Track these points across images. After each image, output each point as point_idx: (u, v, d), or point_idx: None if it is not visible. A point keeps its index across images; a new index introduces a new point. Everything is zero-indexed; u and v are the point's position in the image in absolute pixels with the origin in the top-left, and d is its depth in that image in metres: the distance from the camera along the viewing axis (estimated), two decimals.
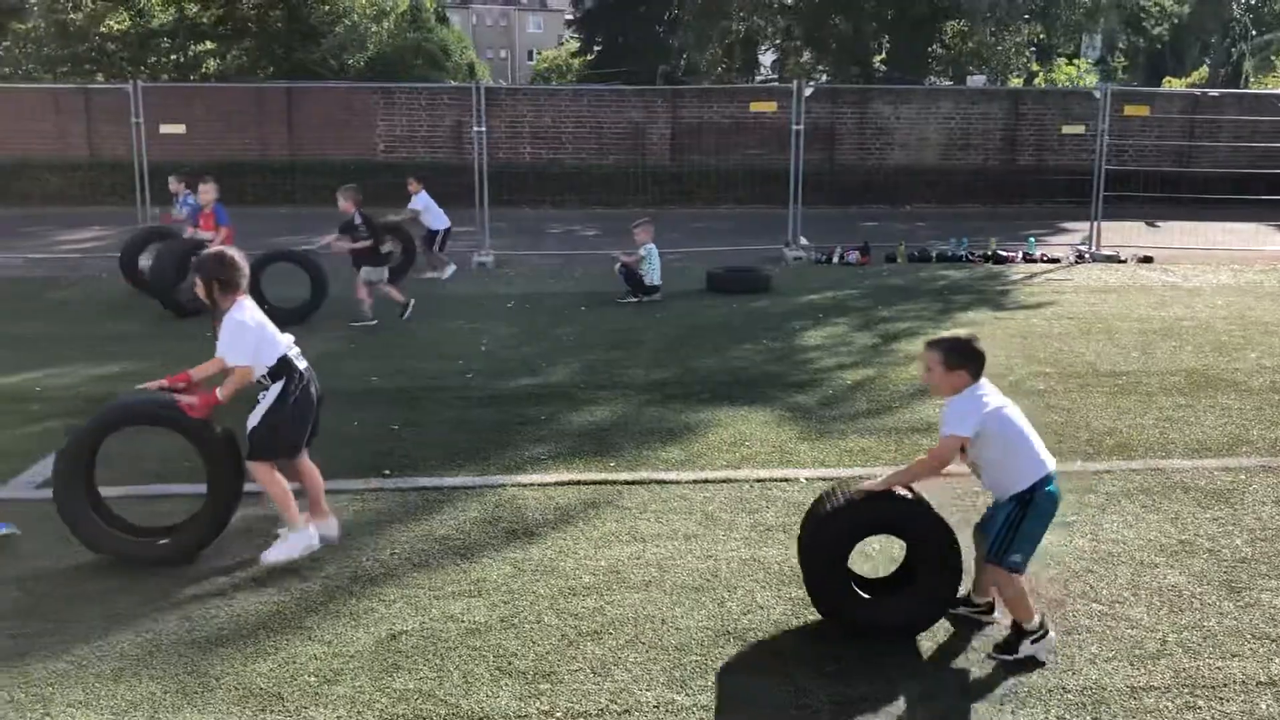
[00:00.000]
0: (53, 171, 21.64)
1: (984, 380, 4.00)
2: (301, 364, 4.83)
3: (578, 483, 5.78)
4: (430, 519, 5.28)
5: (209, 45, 27.67)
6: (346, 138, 22.80)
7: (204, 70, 26.93)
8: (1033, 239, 15.49)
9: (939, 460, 3.96)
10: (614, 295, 11.47)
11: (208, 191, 10.83)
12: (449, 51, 32.48)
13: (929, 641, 4.10)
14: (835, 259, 14.54)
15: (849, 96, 23.54)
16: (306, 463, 4.96)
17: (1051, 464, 3.96)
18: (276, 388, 4.71)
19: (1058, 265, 14.34)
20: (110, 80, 24.05)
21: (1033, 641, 3.93)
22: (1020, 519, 3.89)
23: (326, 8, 26.74)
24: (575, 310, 10.95)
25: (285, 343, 4.80)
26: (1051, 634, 4.00)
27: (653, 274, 11.41)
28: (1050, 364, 8.52)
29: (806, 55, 30.64)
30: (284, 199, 21.76)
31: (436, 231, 13.15)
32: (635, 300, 11.31)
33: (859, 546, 4.17)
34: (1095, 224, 15.31)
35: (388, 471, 5.96)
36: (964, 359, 3.96)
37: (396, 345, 9.24)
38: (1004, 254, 14.68)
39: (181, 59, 26.91)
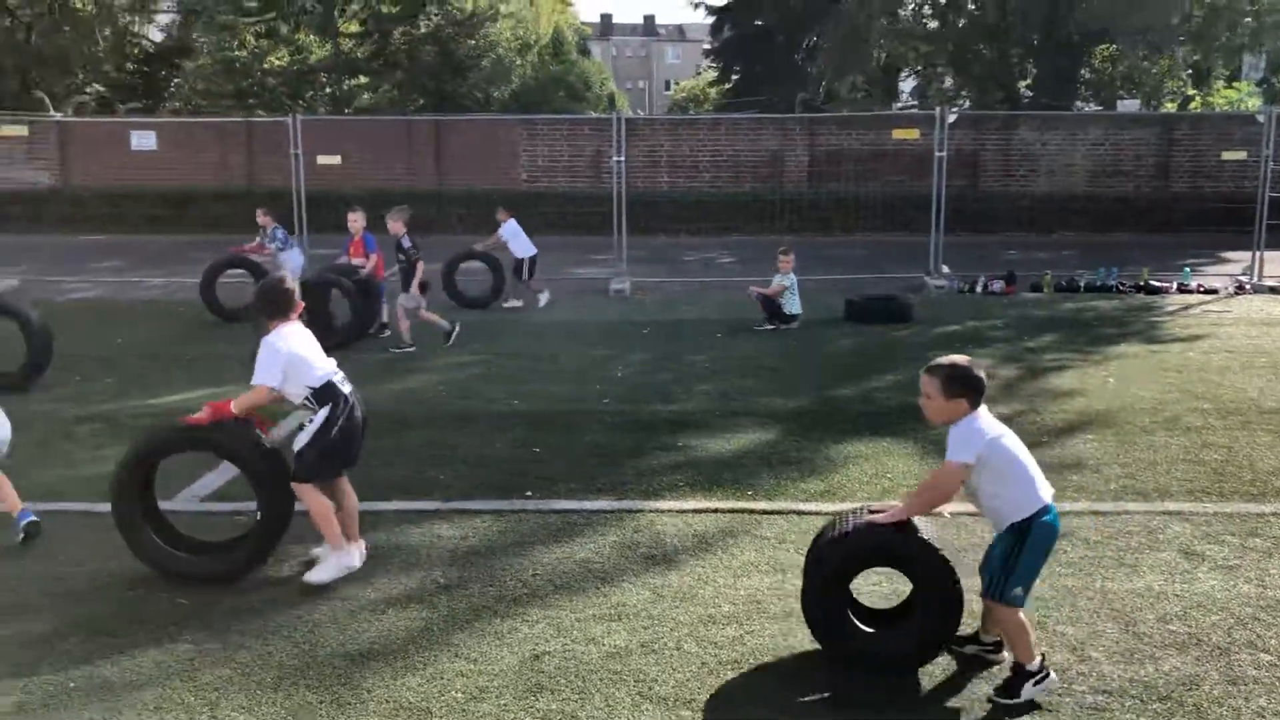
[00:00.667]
0: (216, 200, 22.81)
1: (983, 409, 3.92)
2: (346, 388, 4.92)
3: (716, 511, 5.79)
4: (571, 542, 5.36)
5: (362, 79, 28.83)
6: (491, 168, 23.42)
7: (357, 103, 28.04)
8: (1188, 269, 14.86)
9: (944, 487, 3.90)
10: (751, 322, 11.46)
11: (356, 220, 11.27)
12: (589, 83, 33.11)
13: (929, 679, 4.00)
14: (978, 288, 14.22)
15: (993, 122, 23.06)
16: (345, 485, 5.06)
17: (1049, 495, 3.88)
18: (323, 413, 4.80)
19: (1215, 296, 13.71)
20: (270, 114, 25.27)
21: (1034, 684, 3.80)
22: (1018, 551, 3.80)
23: (474, 42, 27.58)
24: (711, 337, 10.98)
25: (329, 369, 4.89)
26: (1053, 675, 3.86)
27: (792, 303, 11.37)
28: (1208, 399, 8.14)
29: (949, 81, 30.15)
30: (431, 227, 22.45)
31: (523, 260, 13.30)
32: (772, 328, 11.28)
33: (860, 577, 4.16)
34: (1258, 254, 14.60)
35: (529, 493, 6.08)
36: (964, 386, 3.89)
37: (535, 370, 9.42)
38: (1157, 284, 14.12)
39: (336, 93, 28.10)
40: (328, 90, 28.20)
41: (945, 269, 14.92)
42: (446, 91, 26.71)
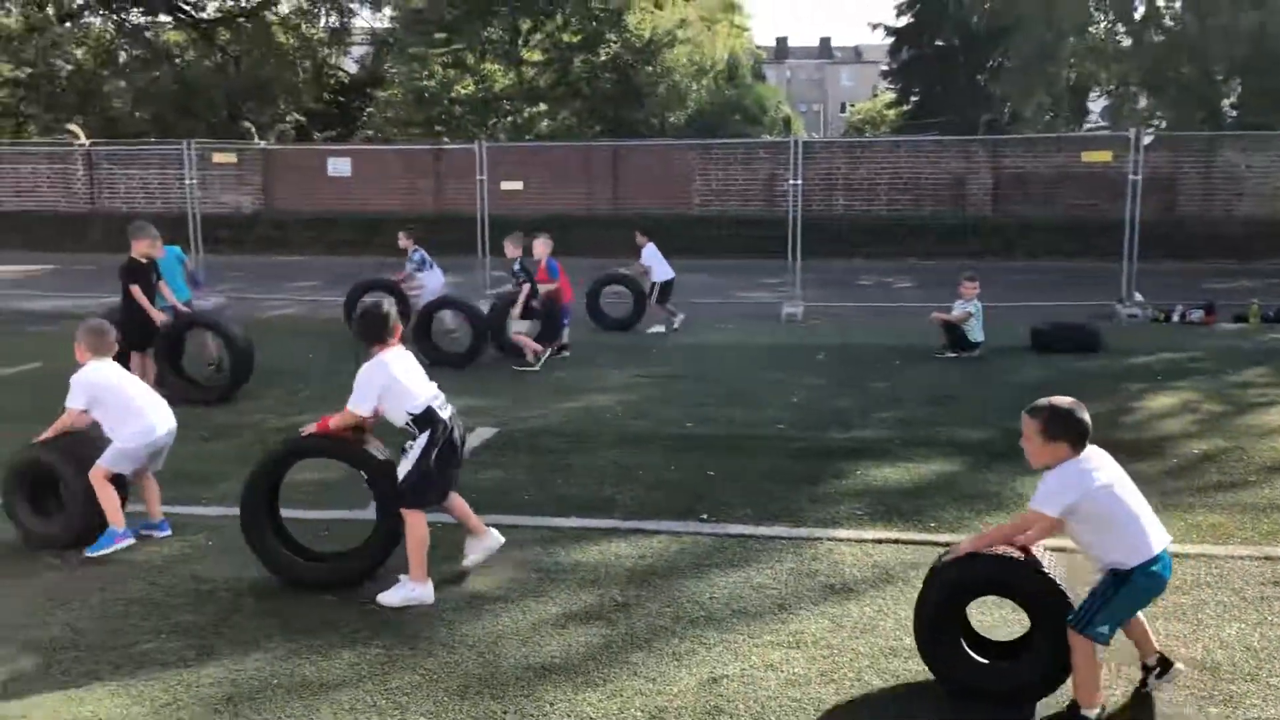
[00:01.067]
0: (404, 224, 23.79)
1: (1091, 451, 3.78)
2: (445, 413, 4.95)
3: (897, 542, 5.65)
4: (747, 567, 5.33)
5: (543, 107, 29.63)
6: (666, 192, 23.69)
7: (538, 130, 28.84)
8: None
9: (1019, 531, 3.83)
10: (931, 349, 11.19)
11: (541, 246, 11.55)
12: (764, 106, 33.11)
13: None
14: (1175, 318, 13.50)
15: (1193, 144, 21.90)
16: (453, 498, 5.17)
17: (1161, 544, 3.74)
18: (423, 438, 4.85)
19: None
20: (456, 141, 26.25)
21: None
22: (1113, 594, 3.69)
23: (651, 68, 27.98)
24: (889, 364, 10.77)
25: (428, 394, 4.94)
26: None
27: (975, 330, 11.05)
28: None
29: (1143, 101, 28.82)
30: (607, 251, 22.84)
31: (656, 283, 13.34)
32: (954, 356, 10.98)
33: (973, 607, 4.09)
34: None
35: (705, 516, 6.07)
36: (1064, 430, 3.75)
37: (710, 393, 9.43)
38: None
39: (519, 120, 28.97)
40: (509, 119, 29.10)
41: (1138, 296, 14.23)
42: (624, 117, 27.18)
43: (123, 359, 9.27)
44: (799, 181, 14.94)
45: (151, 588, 5.05)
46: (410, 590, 4.86)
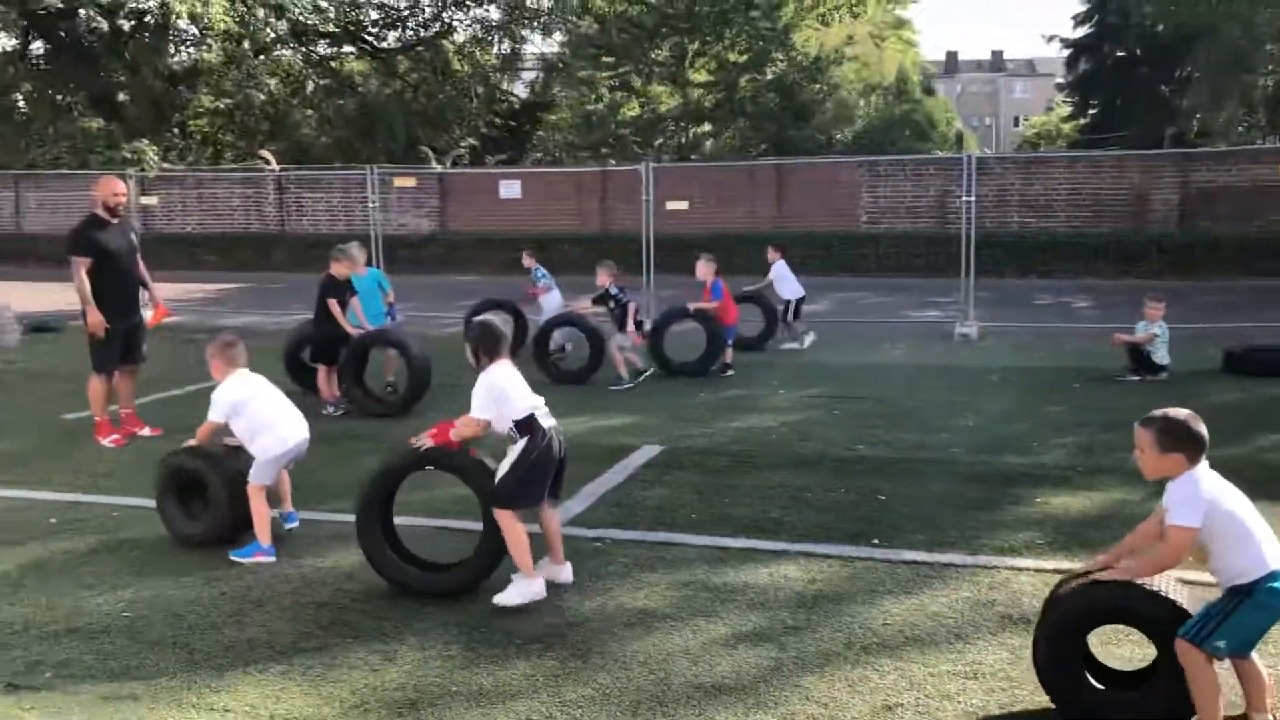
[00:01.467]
0: (572, 244, 24.29)
1: (1203, 465, 3.72)
2: (547, 423, 5.14)
3: None
4: (921, 594, 5.20)
5: (708, 127, 29.80)
6: (832, 210, 23.46)
7: (703, 150, 29.02)
8: None
9: (1174, 553, 3.69)
10: (1112, 372, 10.71)
11: (703, 268, 11.63)
12: (934, 122, 32.43)
13: None
14: None
15: None
16: (547, 511, 5.28)
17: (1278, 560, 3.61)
18: (522, 443, 5.08)
19: None
20: (623, 162, 26.65)
21: None
22: (1233, 610, 3.58)
23: (817, 86, 27.80)
24: (1066, 387, 10.35)
25: (532, 403, 5.15)
26: None
27: (1161, 352, 10.53)
28: None
29: None
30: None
31: (789, 301, 13.15)
32: (1138, 379, 10.48)
33: (1095, 634, 3.99)
34: None
35: (876, 541, 5.97)
36: (1179, 442, 3.72)
37: (878, 415, 9.26)
38: None
39: (683, 140, 29.22)
40: (675, 138, 29.39)
41: None
42: (788, 135, 27.07)
43: (311, 371, 9.85)
44: (972, 198, 14.55)
45: (339, 594, 5.28)
46: (525, 586, 5.04)
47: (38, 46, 30.78)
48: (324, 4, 31.22)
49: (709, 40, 27.25)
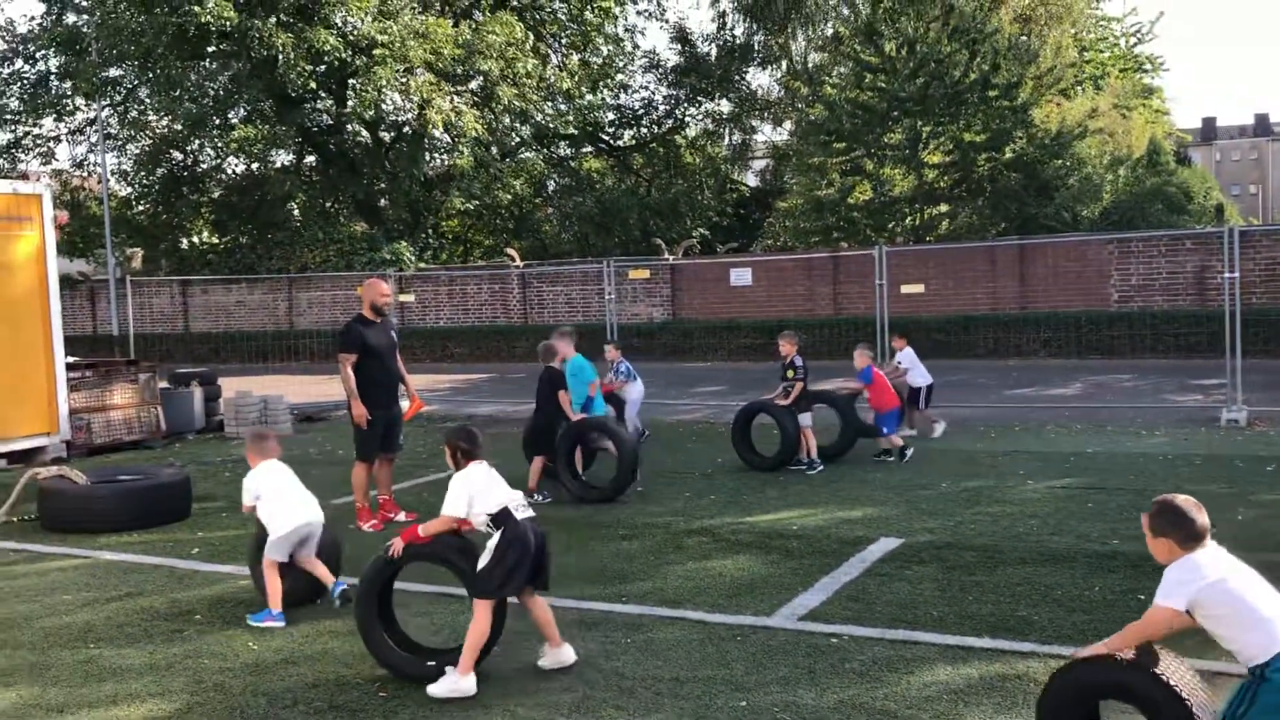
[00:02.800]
0: (803, 330, 24.25)
1: (1209, 547, 3.79)
2: (521, 514, 5.41)
3: None
4: None
5: (943, 208, 29.25)
6: (1079, 289, 22.45)
7: (938, 231, 28.49)
8: None
9: (1145, 629, 3.82)
10: None
11: (861, 357, 11.58)
12: (1190, 194, 30.60)
13: None
14: None
15: None
16: (533, 599, 5.53)
17: None
18: (498, 535, 5.34)
19: None
20: (855, 246, 26.49)
21: None
22: (1255, 692, 3.57)
23: (1060, 162, 26.85)
24: None
25: (507, 498, 5.44)
26: None
27: None
28: None
29: None
30: (1013, 352, 21.96)
31: (919, 389, 12.73)
32: None
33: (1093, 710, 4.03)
34: None
35: None
36: (1167, 525, 3.83)
37: (1136, 506, 8.57)
38: None
39: (917, 222, 28.78)
40: (909, 220, 29.01)
41: None
42: (1029, 214, 26.21)
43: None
44: (1236, 274, 13.59)
45: (578, 681, 5.38)
46: (455, 682, 5.21)
47: (310, 160, 33.85)
48: (564, 108, 32.93)
49: (943, 121, 26.87)
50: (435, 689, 5.24)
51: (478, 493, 5.48)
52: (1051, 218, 25.85)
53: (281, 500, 6.66)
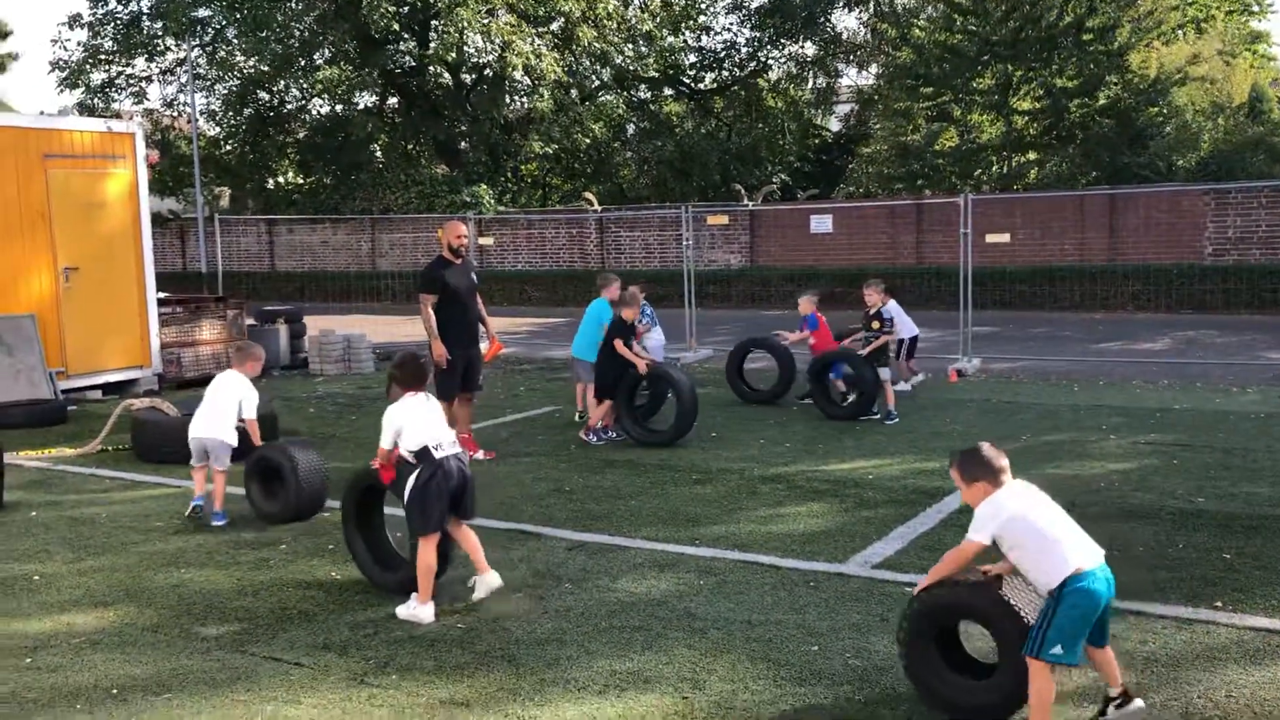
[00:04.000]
0: (882, 279, 23.90)
1: (1013, 484, 4.23)
2: (440, 454, 5.59)
3: None
4: (1274, 665, 4.71)
5: (1032, 156, 28.49)
6: (1171, 241, 21.77)
7: (1026, 180, 27.79)
8: None
9: (956, 559, 4.26)
10: None
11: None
12: None
13: None
14: None
15: None
16: (460, 529, 5.77)
17: (1086, 561, 4.06)
18: (417, 471, 5.56)
19: None
20: (939, 193, 25.96)
21: None
22: (1052, 613, 3.99)
23: (1156, 109, 25.92)
24: None
25: (429, 437, 5.62)
26: None
27: None
28: None
29: None
30: (1100, 305, 21.44)
31: (904, 340, 12.51)
32: None
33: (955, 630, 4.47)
34: None
35: (1219, 604, 5.46)
36: (977, 469, 4.25)
37: (1225, 465, 8.46)
38: None
39: (1005, 170, 28.09)
40: (996, 168, 28.33)
41: None
42: (1122, 163, 25.38)
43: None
44: None
45: (651, 619, 5.45)
46: (414, 609, 5.53)
47: (393, 102, 34.08)
48: (645, 50, 32.61)
49: (1035, 66, 26.06)
50: (400, 610, 5.58)
51: (406, 425, 5.70)
52: (1145, 167, 25.00)
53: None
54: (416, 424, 5.70)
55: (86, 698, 4.69)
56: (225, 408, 7.58)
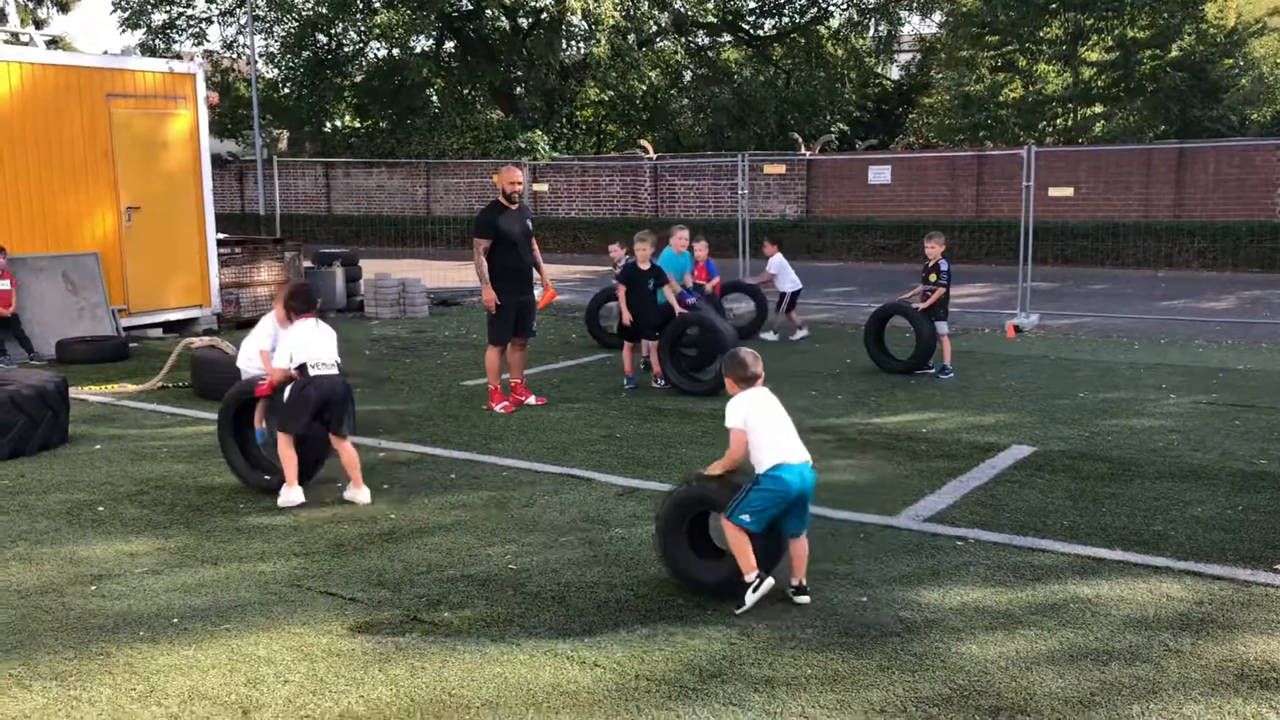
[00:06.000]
0: (941, 232, 23.55)
1: (758, 389, 5.05)
2: (317, 371, 6.50)
3: None
4: None
5: (1099, 109, 27.80)
6: (1240, 198, 21.20)
7: (1092, 133, 27.14)
8: None
9: (734, 450, 5.00)
10: None
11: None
12: None
13: None
14: None
15: None
16: (340, 443, 6.66)
17: (789, 457, 4.90)
18: (292, 384, 6.53)
19: None
20: (1001, 145, 25.45)
21: (752, 590, 4.85)
22: (749, 491, 4.88)
23: (1231, 61, 25.13)
24: None
25: (310, 356, 6.50)
26: (768, 582, 4.86)
27: None
28: None
29: None
30: (1164, 262, 20.98)
31: (784, 293, 13.06)
32: None
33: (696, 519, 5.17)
34: None
35: (1279, 567, 5.37)
36: (735, 371, 5.06)
37: None
38: None
39: (1070, 122, 27.46)
40: (1058, 122, 27.69)
41: None
42: (1192, 116, 24.68)
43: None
44: None
45: None
46: (286, 494, 6.51)
47: (449, 47, 33.98)
48: None
49: (1106, 16, 25.31)
50: (279, 499, 6.49)
51: (296, 347, 6.55)
52: (1217, 121, 24.31)
53: None
54: (301, 345, 6.55)
55: (149, 626, 4.82)
56: (253, 343, 7.81)
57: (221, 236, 14.88)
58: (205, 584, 5.31)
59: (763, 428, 4.96)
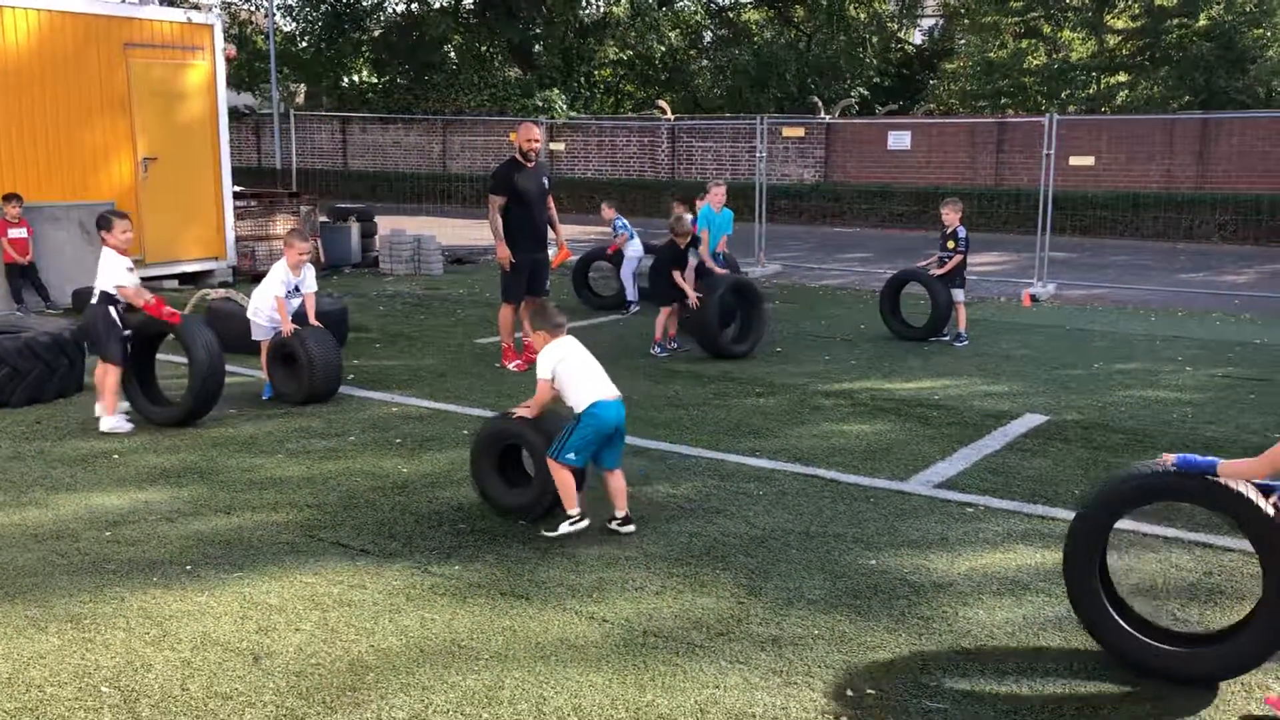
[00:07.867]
0: (960, 199, 23.37)
1: (566, 338, 5.41)
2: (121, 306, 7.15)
3: None
4: None
5: (1122, 77, 27.47)
6: (1265, 171, 20.97)
7: (1114, 102, 26.83)
8: None
9: (540, 397, 5.39)
10: None
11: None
12: None
13: None
14: None
15: None
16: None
17: (603, 395, 5.28)
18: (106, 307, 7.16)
19: None
20: (1022, 113, 25.19)
21: (570, 524, 5.24)
22: (573, 429, 5.23)
23: (1261, 31, 24.76)
24: None
25: (116, 281, 7.06)
26: (585, 522, 5.25)
27: None
28: None
29: None
30: (1185, 234, 20.81)
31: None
32: None
33: (503, 452, 5.65)
34: None
35: None
36: (542, 322, 5.43)
37: None
38: None
39: (1093, 91, 27.14)
40: (1084, 89, 27.37)
41: None
42: (1218, 87, 24.36)
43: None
44: None
45: (709, 526, 5.50)
46: (108, 422, 7.09)
47: (468, 3, 33.71)
48: None
49: None
50: (103, 423, 7.09)
51: (105, 273, 7.12)
52: (1243, 92, 23.99)
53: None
54: (113, 271, 7.10)
55: (163, 572, 4.86)
56: (266, 290, 8.06)
57: (237, 189, 14.86)
58: (219, 532, 5.36)
59: (575, 372, 5.34)
